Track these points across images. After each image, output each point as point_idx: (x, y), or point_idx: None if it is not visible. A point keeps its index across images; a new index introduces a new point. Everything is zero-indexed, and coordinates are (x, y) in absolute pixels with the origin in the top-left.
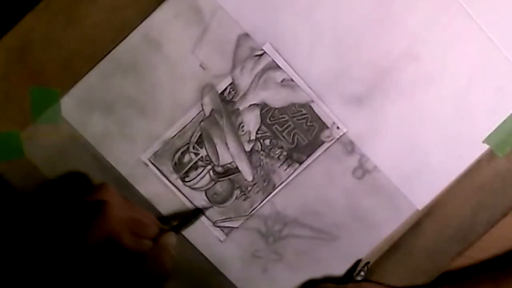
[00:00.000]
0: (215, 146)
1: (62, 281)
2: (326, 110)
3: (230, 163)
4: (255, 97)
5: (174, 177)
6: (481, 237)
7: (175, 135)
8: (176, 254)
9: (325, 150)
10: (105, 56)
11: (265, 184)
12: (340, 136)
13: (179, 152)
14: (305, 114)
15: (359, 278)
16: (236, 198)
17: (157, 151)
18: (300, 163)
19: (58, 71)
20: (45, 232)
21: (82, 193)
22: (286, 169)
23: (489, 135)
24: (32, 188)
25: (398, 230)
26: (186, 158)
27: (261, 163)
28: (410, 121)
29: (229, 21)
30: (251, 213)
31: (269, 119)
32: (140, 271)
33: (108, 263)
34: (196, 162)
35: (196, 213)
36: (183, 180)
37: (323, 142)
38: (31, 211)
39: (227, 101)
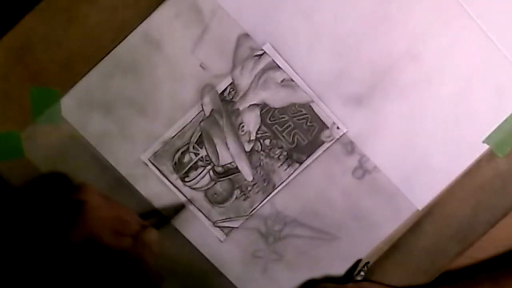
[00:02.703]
0: (215, 146)
1: (43, 281)
2: (326, 110)
3: (230, 163)
4: (255, 97)
5: (174, 177)
6: (481, 237)
7: (175, 135)
8: (172, 252)
9: (325, 150)
10: (105, 56)
11: (265, 184)
12: (340, 136)
13: (179, 152)
14: (305, 114)
15: (359, 278)
16: (236, 198)
17: (157, 151)
18: (300, 163)
19: (58, 71)
20: (24, 233)
21: (62, 193)
22: (286, 169)
23: (489, 135)
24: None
25: (398, 230)
26: (186, 158)
27: (261, 163)
28: (410, 121)
29: (229, 21)
30: (251, 213)
31: (269, 119)
32: (121, 268)
33: (89, 262)
34: (196, 162)
35: (178, 208)
36: (183, 180)
37: (323, 142)
38: (9, 212)
39: (227, 101)
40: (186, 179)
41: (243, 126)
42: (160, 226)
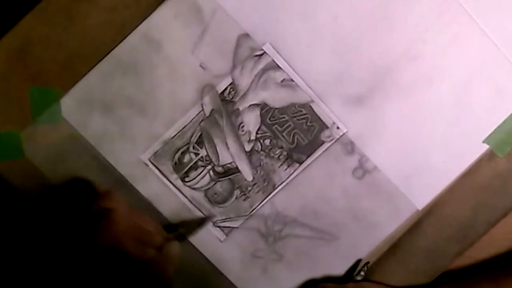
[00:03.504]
0: (215, 146)
1: (65, 286)
2: (326, 110)
3: (230, 163)
4: (255, 97)
5: (174, 177)
6: (481, 237)
7: (175, 135)
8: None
9: (325, 150)
10: (105, 56)
11: (265, 184)
12: (340, 136)
13: (179, 152)
14: (305, 114)
15: (359, 278)
16: (236, 198)
17: (157, 151)
18: (300, 163)
19: (58, 71)
20: (51, 238)
21: (87, 200)
22: (286, 169)
23: (489, 135)
24: (33, 189)
25: (398, 230)
26: (186, 158)
27: (261, 163)
28: (410, 121)
29: (229, 21)
30: (251, 213)
31: (269, 119)
32: (142, 279)
33: (112, 270)
34: (196, 162)
35: (202, 222)
36: (183, 180)
37: (323, 142)
38: (35, 217)
39: (227, 101)
40: (186, 179)
41: (243, 126)
42: (181, 239)
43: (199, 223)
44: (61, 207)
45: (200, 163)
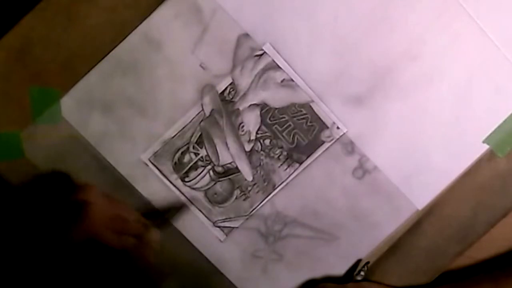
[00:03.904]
0: (215, 146)
1: (44, 281)
2: (326, 110)
3: (230, 163)
4: (255, 97)
5: (174, 177)
6: (481, 237)
7: (175, 135)
8: (172, 252)
9: (325, 150)
10: (105, 56)
11: (265, 184)
12: (340, 136)
13: (179, 152)
14: (305, 114)
15: (359, 278)
16: (236, 198)
17: (157, 151)
18: (300, 163)
19: (58, 71)
20: (25, 232)
21: (64, 193)
22: (286, 169)
23: (489, 135)
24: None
25: (398, 230)
26: (186, 158)
27: (261, 163)
28: (410, 121)
29: (229, 21)
30: (251, 213)
31: (269, 119)
32: (123, 268)
33: (90, 262)
34: (196, 162)
35: (179, 208)
36: (183, 180)
37: (323, 142)
38: (9, 211)
39: (227, 101)
40: (186, 179)
41: (243, 126)
42: (161, 226)
43: (179, 208)
44: (38, 200)
45: (200, 163)
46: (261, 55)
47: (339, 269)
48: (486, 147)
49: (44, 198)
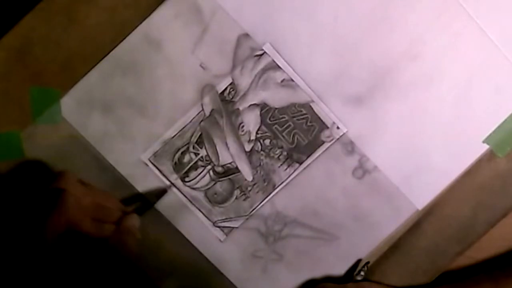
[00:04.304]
0: (215, 146)
1: (21, 272)
2: (326, 110)
3: (230, 163)
4: (255, 97)
5: (174, 177)
6: (481, 237)
7: (175, 135)
8: (172, 252)
9: (325, 150)
10: (105, 56)
11: (265, 184)
12: (340, 136)
13: (179, 152)
14: (305, 114)
15: (359, 278)
16: (236, 198)
17: (157, 151)
18: (300, 163)
19: (58, 71)
20: (2, 224)
21: (41, 181)
22: (286, 169)
23: (489, 135)
24: None
25: (398, 230)
26: (186, 158)
27: (261, 163)
28: (410, 121)
29: (229, 21)
30: (251, 213)
31: (269, 119)
32: (103, 256)
33: (69, 252)
34: (196, 162)
35: (161, 192)
36: (183, 180)
37: (323, 142)
38: None
39: (227, 101)
40: (186, 179)
41: (243, 126)
42: (143, 211)
43: (159, 193)
44: (14, 189)
45: (200, 163)
46: (261, 55)
47: (339, 269)
48: (486, 147)
49: (20, 186)
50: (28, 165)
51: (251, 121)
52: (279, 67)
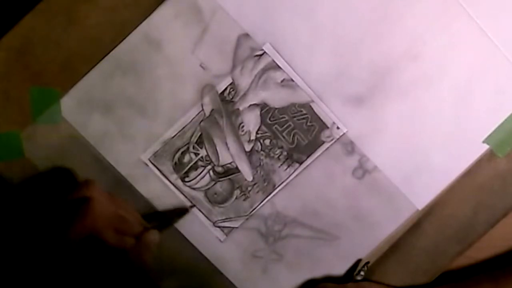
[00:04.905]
0: (215, 146)
1: (43, 277)
2: (326, 110)
3: (230, 163)
4: (255, 97)
5: (174, 177)
6: (481, 237)
7: (175, 135)
8: (172, 252)
9: (325, 150)
10: (105, 56)
11: (265, 184)
12: (340, 136)
13: (179, 152)
14: (305, 114)
15: (359, 278)
16: (236, 198)
17: (157, 151)
18: (300, 163)
19: (58, 71)
20: (28, 228)
21: (67, 189)
22: (286, 169)
23: (489, 135)
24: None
25: (398, 230)
26: (186, 158)
27: (261, 163)
28: (410, 121)
29: (229, 21)
30: (251, 213)
31: (269, 119)
32: (120, 267)
33: (89, 258)
34: (196, 162)
35: (182, 212)
36: (183, 180)
37: (323, 142)
38: (14, 207)
39: (227, 101)
40: (186, 179)
41: (243, 126)
42: (162, 228)
43: (180, 212)
44: (41, 197)
45: (200, 163)
46: (261, 55)
47: (339, 269)
48: (486, 147)
49: (46, 193)
50: (53, 172)
51: (251, 121)
52: (279, 67)
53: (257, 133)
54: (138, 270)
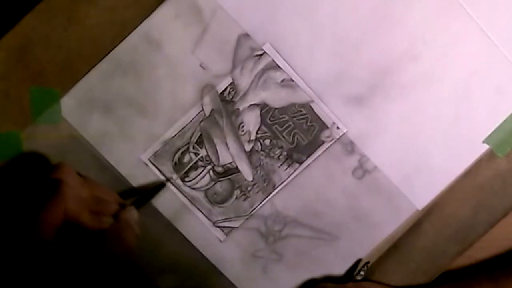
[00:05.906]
0: (215, 146)
1: (17, 264)
2: (326, 110)
3: (230, 163)
4: (255, 97)
5: (174, 177)
6: (481, 237)
7: (175, 135)
8: (172, 252)
9: (325, 150)
10: (105, 56)
11: (265, 184)
12: (340, 136)
13: (179, 152)
14: (305, 114)
15: (359, 278)
16: (236, 198)
17: (157, 151)
18: (300, 163)
19: (58, 71)
20: None
21: (38, 173)
22: (286, 169)
23: (489, 135)
24: None
25: (398, 230)
26: (186, 158)
27: (261, 163)
28: (410, 121)
29: (229, 21)
30: (251, 213)
31: (269, 119)
32: (101, 249)
33: (66, 244)
34: (196, 162)
35: (158, 187)
36: (183, 180)
37: (323, 142)
38: None
39: (227, 101)
40: (186, 179)
41: (243, 126)
42: (140, 205)
43: (156, 188)
44: (10, 180)
45: (200, 163)
46: (261, 55)
47: (339, 269)
48: (486, 147)
49: (17, 178)
50: (25, 158)
51: (251, 121)
52: (279, 67)
53: (257, 133)
54: (119, 249)
